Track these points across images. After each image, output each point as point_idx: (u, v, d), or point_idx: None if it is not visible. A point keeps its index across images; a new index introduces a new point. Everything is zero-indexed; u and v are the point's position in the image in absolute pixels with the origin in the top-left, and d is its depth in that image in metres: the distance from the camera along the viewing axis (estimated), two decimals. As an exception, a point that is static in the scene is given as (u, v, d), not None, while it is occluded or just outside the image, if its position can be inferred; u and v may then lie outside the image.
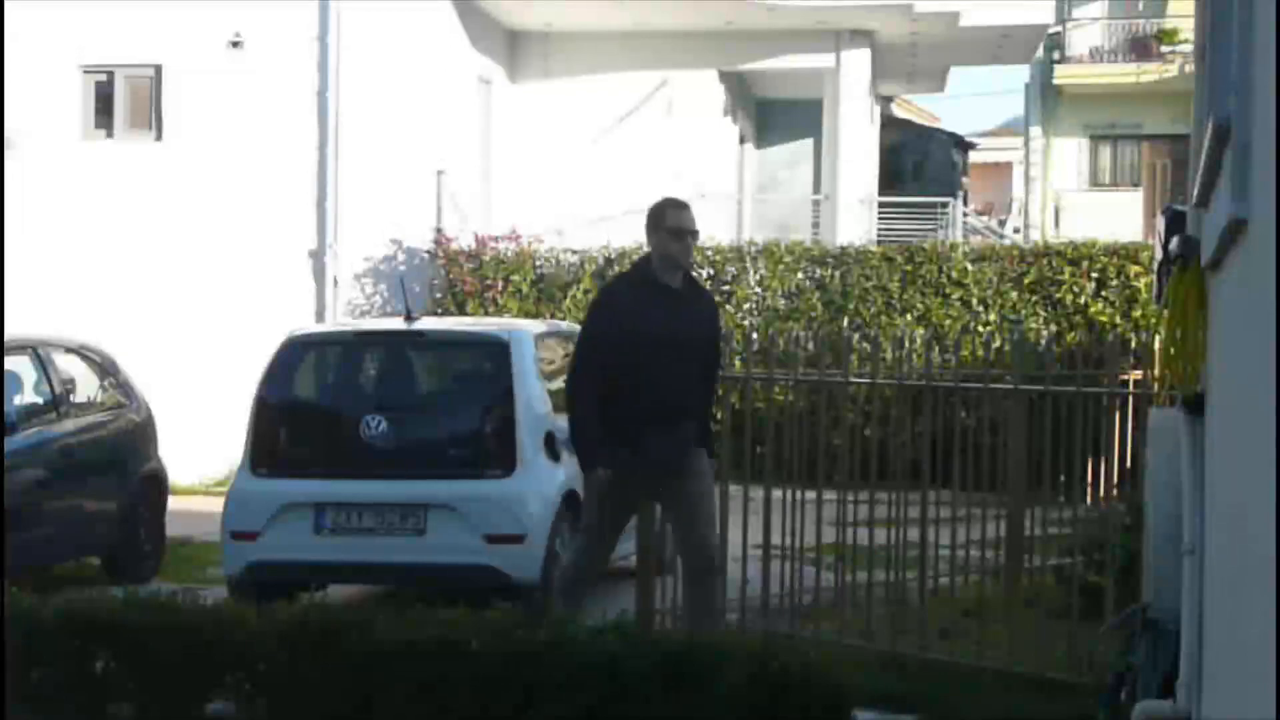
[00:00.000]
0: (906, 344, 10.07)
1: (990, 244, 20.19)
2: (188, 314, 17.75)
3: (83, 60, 18.44)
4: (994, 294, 17.58)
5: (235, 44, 18.07)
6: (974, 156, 40.34)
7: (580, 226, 19.66)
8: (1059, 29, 31.02)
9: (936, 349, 9.70)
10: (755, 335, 13.84)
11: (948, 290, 17.65)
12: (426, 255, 18.77)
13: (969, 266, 17.71)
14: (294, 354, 10.20)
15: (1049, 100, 32.90)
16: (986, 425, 8.84)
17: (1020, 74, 33.53)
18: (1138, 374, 8.99)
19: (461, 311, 17.91)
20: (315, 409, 10.37)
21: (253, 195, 17.91)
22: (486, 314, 17.75)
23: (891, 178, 30.21)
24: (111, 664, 7.21)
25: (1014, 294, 17.58)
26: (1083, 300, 17.45)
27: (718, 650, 6.69)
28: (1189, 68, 26.30)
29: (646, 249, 7.92)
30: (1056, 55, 32.33)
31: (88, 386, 11.80)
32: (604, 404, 7.58)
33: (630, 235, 18.62)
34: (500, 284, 18.22)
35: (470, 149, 20.49)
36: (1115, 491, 8.40)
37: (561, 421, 10.02)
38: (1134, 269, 17.44)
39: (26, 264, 17.30)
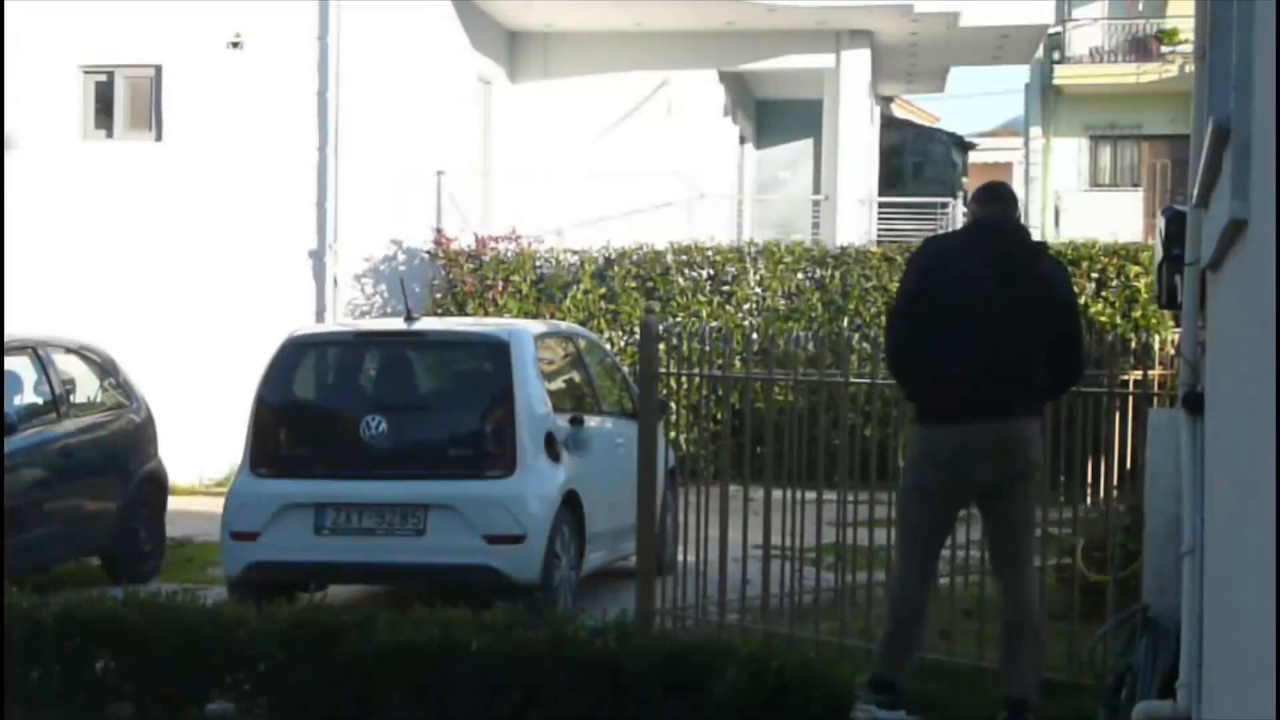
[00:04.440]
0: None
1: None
2: (188, 314, 17.74)
3: (83, 60, 18.44)
4: (994, 294, 17.56)
5: (235, 44, 18.07)
6: (974, 156, 40.32)
7: (580, 226, 19.66)
8: (1059, 29, 31.01)
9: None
10: (755, 335, 13.83)
11: (948, 290, 17.62)
12: (426, 255, 18.77)
13: (969, 266, 17.69)
14: (294, 354, 10.20)
15: (1049, 100, 32.89)
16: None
17: (1020, 74, 33.53)
18: (1138, 374, 8.99)
19: (461, 311, 17.90)
20: (315, 409, 10.37)
21: (253, 195, 17.90)
22: (486, 314, 17.74)
23: (891, 178, 30.20)
24: (111, 664, 7.22)
25: (1014, 294, 17.56)
26: (1083, 300, 17.44)
27: (718, 650, 6.69)
28: (1189, 68, 26.28)
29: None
30: (1056, 55, 32.32)
31: (88, 386, 11.80)
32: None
33: (630, 235, 18.64)
34: (500, 284, 18.22)
35: (470, 149, 20.48)
36: (1115, 491, 8.40)
37: (561, 421, 10.05)
38: (1134, 269, 17.44)
39: (26, 264, 17.30)
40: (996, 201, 6.99)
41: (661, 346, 9.19)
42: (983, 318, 6.60)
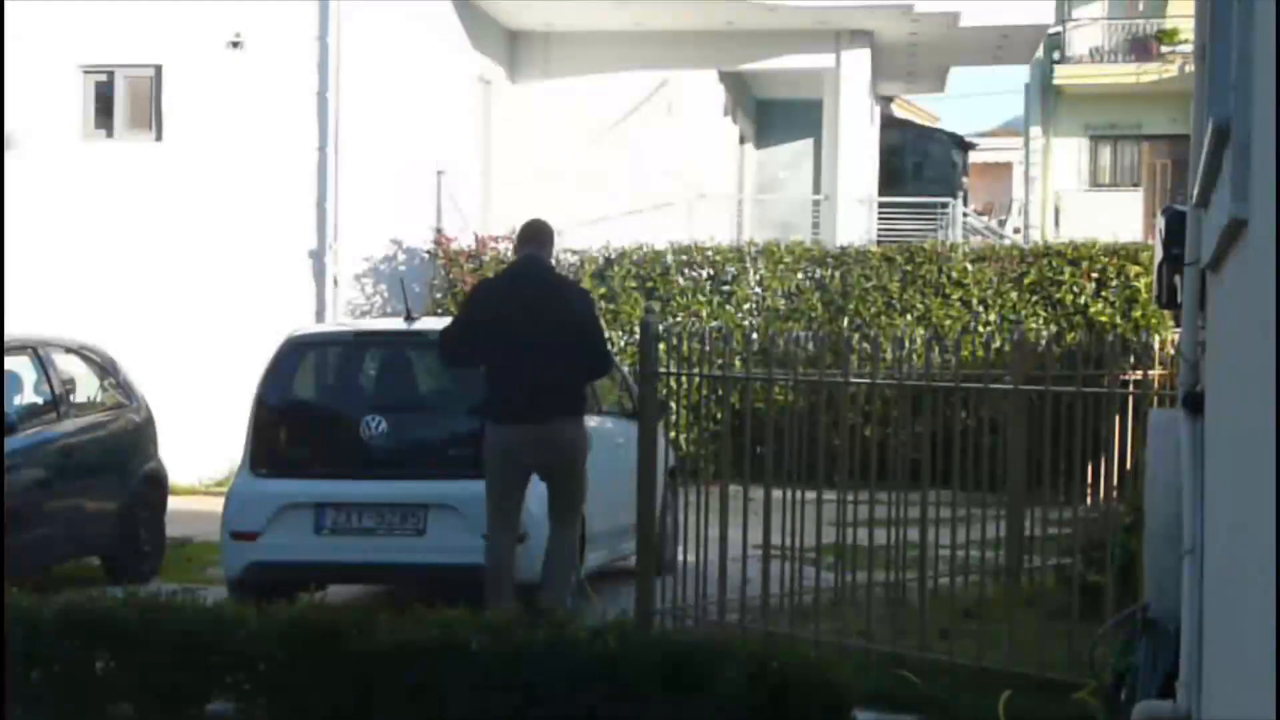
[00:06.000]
0: (906, 344, 10.06)
1: (990, 244, 20.19)
2: (187, 314, 17.74)
3: (83, 60, 18.44)
4: (994, 294, 17.58)
5: (235, 44, 18.07)
6: (974, 156, 40.30)
7: (580, 226, 19.65)
8: (1059, 29, 30.99)
9: (936, 349, 9.70)
10: (755, 335, 13.83)
11: (948, 290, 17.65)
12: (426, 255, 18.77)
13: (969, 267, 17.71)
14: (294, 354, 10.20)
15: (1049, 100, 32.88)
16: (986, 425, 8.84)
17: (1020, 74, 33.50)
18: (1138, 374, 8.99)
19: (461, 311, 17.87)
20: (315, 409, 10.37)
21: (253, 195, 17.90)
22: (486, 314, 17.70)
23: (891, 178, 30.18)
24: (111, 664, 7.21)
25: (1014, 294, 17.58)
26: (1083, 300, 17.45)
27: (718, 650, 6.69)
28: (1189, 68, 26.29)
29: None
30: (1056, 55, 32.30)
31: (88, 386, 11.79)
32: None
33: (630, 235, 18.64)
34: (500, 284, 18.19)
35: (470, 149, 20.47)
36: (1115, 491, 8.40)
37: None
38: (1134, 269, 17.44)
39: (26, 264, 17.29)
40: (530, 241, 8.73)
41: (661, 346, 9.19)
42: (522, 343, 8.42)
